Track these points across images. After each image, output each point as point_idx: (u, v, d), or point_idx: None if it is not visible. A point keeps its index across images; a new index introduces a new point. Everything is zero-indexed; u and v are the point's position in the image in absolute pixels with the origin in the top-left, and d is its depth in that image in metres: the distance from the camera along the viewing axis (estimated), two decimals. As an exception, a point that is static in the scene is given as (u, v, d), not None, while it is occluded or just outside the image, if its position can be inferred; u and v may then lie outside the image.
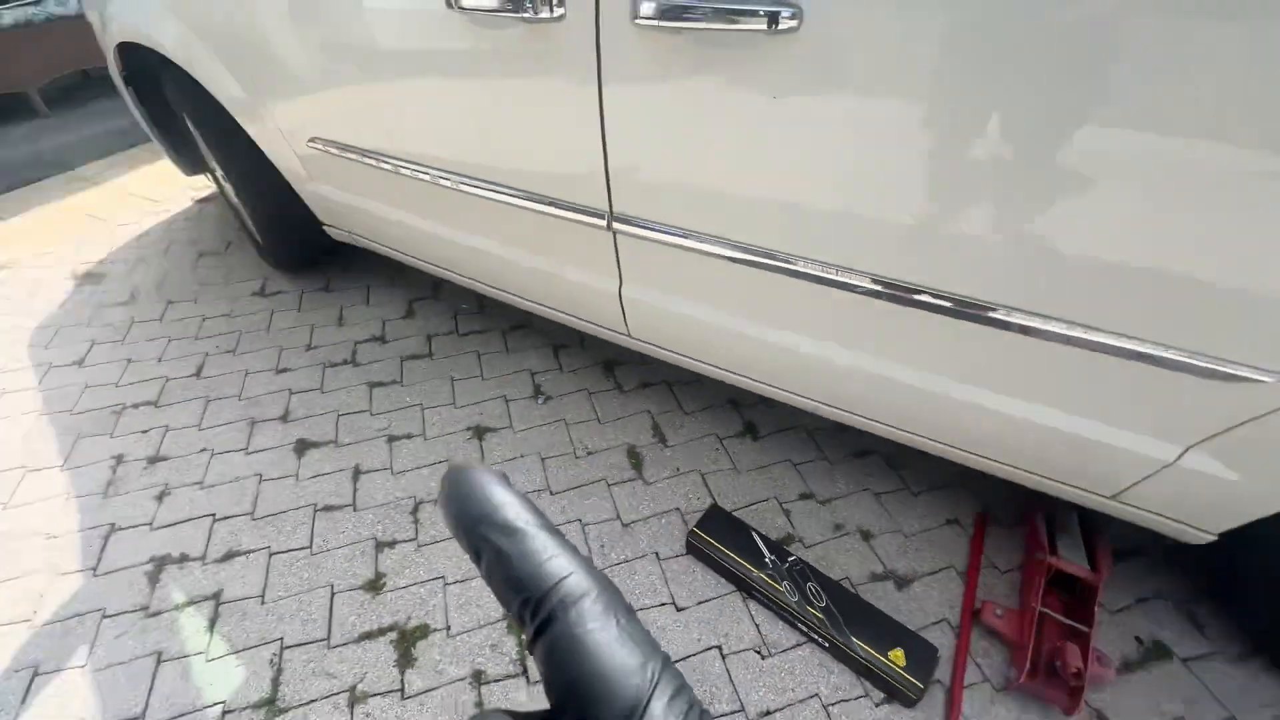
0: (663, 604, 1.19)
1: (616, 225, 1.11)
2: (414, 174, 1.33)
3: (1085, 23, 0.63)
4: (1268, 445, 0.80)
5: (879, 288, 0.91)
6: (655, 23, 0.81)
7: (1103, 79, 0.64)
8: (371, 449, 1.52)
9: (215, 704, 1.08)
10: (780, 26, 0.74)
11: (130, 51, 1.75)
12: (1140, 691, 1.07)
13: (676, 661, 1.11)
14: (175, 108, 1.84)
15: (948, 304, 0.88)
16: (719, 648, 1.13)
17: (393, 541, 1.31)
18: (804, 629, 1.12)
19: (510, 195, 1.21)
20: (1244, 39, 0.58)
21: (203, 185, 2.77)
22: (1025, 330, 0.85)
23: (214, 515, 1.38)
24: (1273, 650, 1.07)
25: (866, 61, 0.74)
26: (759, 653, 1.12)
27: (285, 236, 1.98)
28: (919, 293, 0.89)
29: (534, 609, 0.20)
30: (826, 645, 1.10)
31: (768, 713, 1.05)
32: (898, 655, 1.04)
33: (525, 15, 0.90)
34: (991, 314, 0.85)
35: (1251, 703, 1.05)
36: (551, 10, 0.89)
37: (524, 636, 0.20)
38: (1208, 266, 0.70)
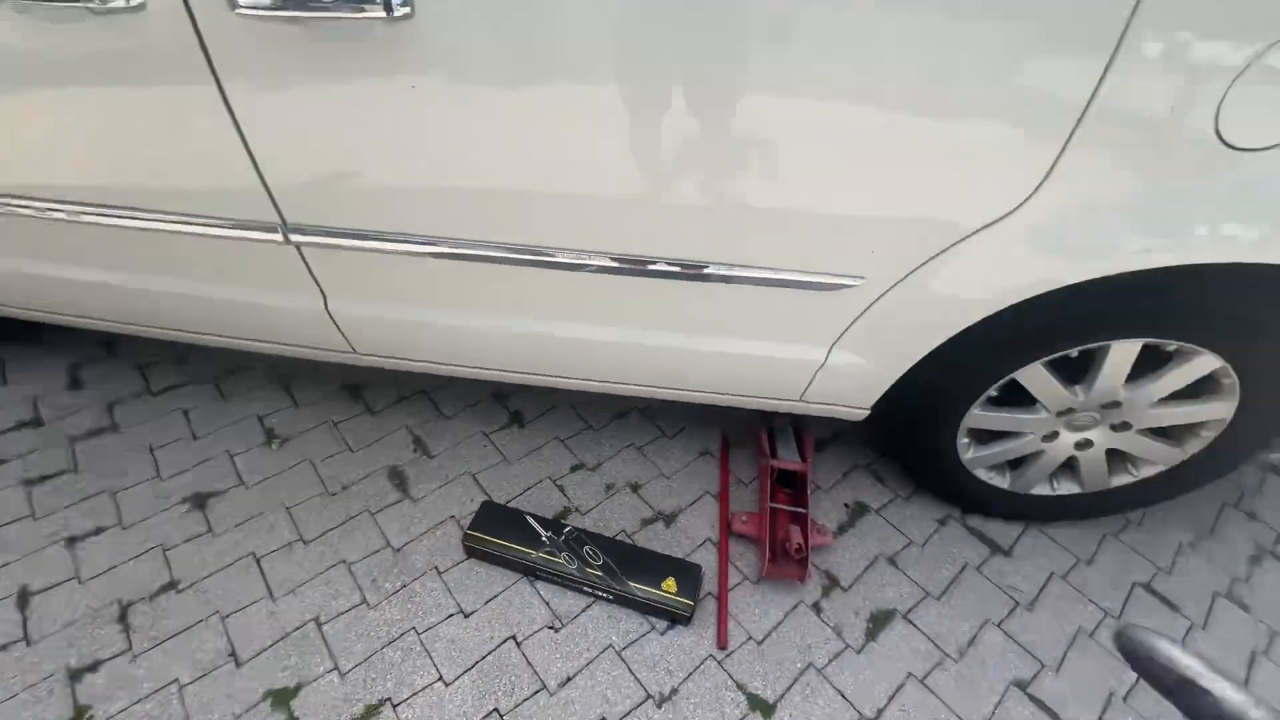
0: (450, 615, 1.16)
1: (296, 237, 1.01)
2: (31, 209, 1.05)
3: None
4: (875, 333, 1.03)
5: (566, 260, 0.97)
6: (259, 12, 0.74)
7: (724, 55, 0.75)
8: (43, 561, 1.19)
9: None
10: (396, 14, 0.73)
11: None
12: (853, 544, 1.34)
13: (474, 665, 1.10)
14: None
15: (672, 269, 0.97)
16: (513, 637, 1.14)
17: (95, 663, 1.06)
18: (588, 590, 1.18)
19: (158, 220, 1.02)
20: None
21: None
22: (727, 280, 0.98)
23: None
24: (920, 480, 1.42)
25: (487, 44, 0.76)
26: (552, 628, 1.15)
27: None
28: (644, 262, 0.97)
29: None
30: (611, 598, 1.17)
31: (569, 679, 1.09)
32: (670, 584, 1.16)
33: (89, 4, 0.75)
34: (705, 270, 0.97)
35: (923, 524, 1.39)
36: (121, -4, 0.76)
37: None
38: (808, 201, 0.87)
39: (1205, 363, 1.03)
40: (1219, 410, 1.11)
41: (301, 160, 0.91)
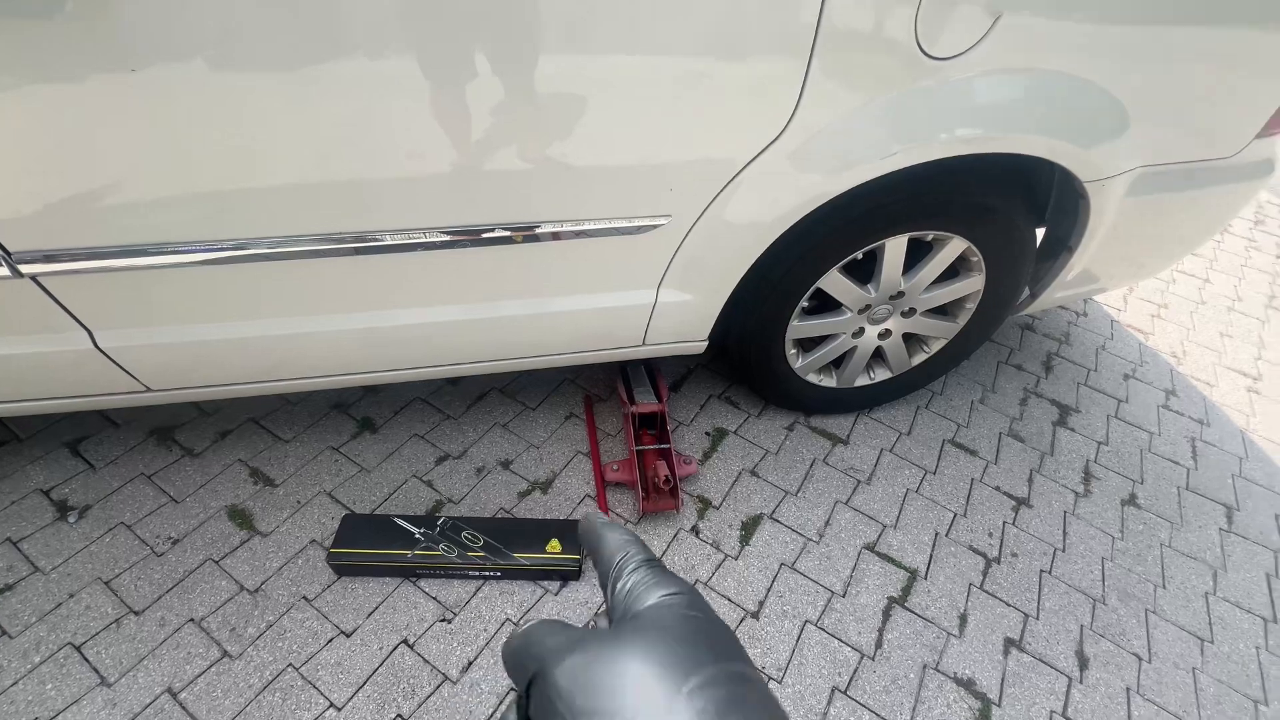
0: (330, 640, 1.09)
1: (30, 268, 0.85)
2: None
3: None
4: (692, 268, 1.11)
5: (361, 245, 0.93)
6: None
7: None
8: None
9: None
10: None
11: None
12: (719, 466, 1.45)
13: (367, 680, 1.05)
14: None
15: (505, 234, 0.95)
16: (405, 641, 1.10)
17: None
18: (474, 574, 1.17)
19: None
20: None
21: None
22: (557, 236, 0.98)
23: None
24: (766, 395, 1.56)
25: (245, 19, 0.69)
26: (444, 620, 1.13)
27: None
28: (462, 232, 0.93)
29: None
30: (499, 575, 1.17)
31: (470, 663, 1.08)
32: (554, 545, 1.18)
33: None
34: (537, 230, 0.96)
35: (775, 433, 1.53)
36: None
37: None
38: (612, 152, 0.90)
39: (956, 246, 1.23)
40: (974, 284, 1.33)
41: (8, 176, 0.76)
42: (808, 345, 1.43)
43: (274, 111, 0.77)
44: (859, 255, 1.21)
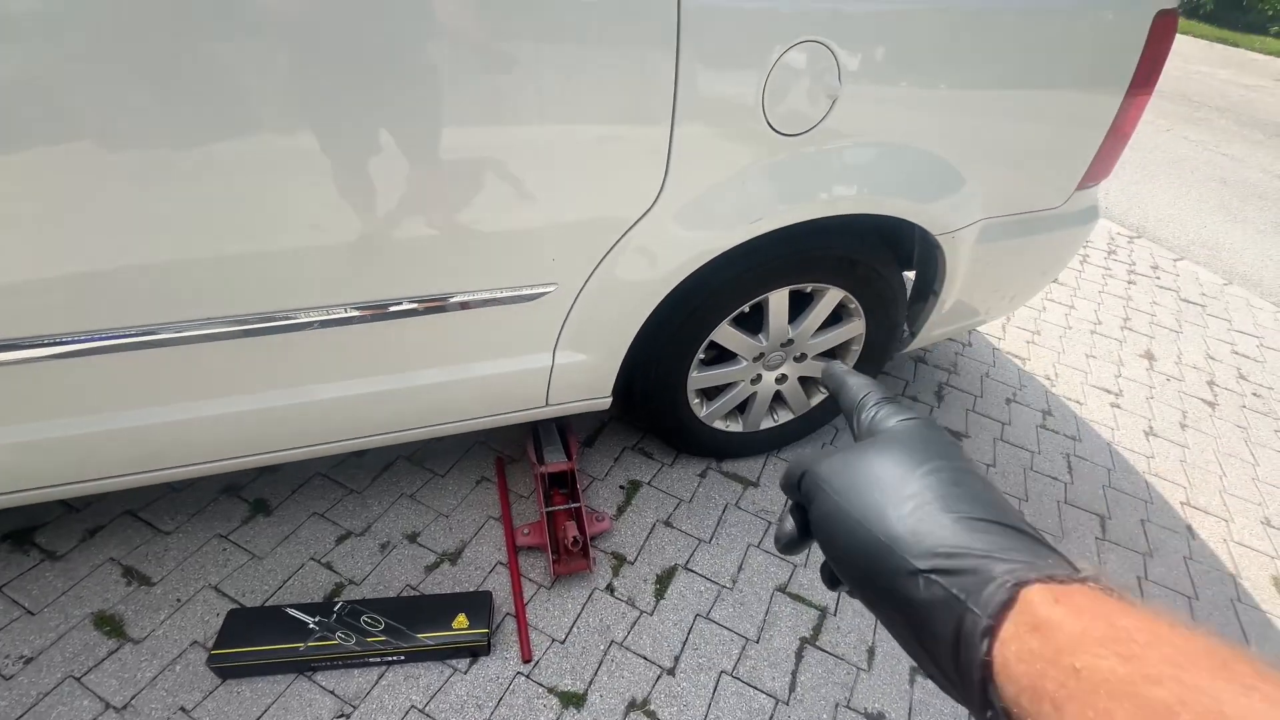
0: (211, 755, 1.00)
1: None
2: None
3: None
4: (585, 329, 1.13)
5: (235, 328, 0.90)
6: None
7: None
8: None
9: None
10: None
11: None
12: (633, 519, 1.45)
13: (253, 799, 0.96)
14: None
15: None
16: (297, 745, 1.02)
17: None
18: (376, 660, 1.11)
19: None
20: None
21: None
22: (463, 306, 0.99)
23: None
24: (676, 444, 1.59)
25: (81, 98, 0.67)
26: (343, 715, 1.06)
27: None
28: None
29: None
30: (403, 658, 1.12)
31: (371, 762, 1.02)
32: (460, 621, 1.14)
33: None
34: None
35: (688, 481, 1.56)
36: None
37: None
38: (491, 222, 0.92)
39: (834, 295, 1.33)
40: (856, 328, 1.43)
41: None
42: (710, 393, 1.48)
43: (158, 194, 0.75)
44: (746, 309, 1.28)
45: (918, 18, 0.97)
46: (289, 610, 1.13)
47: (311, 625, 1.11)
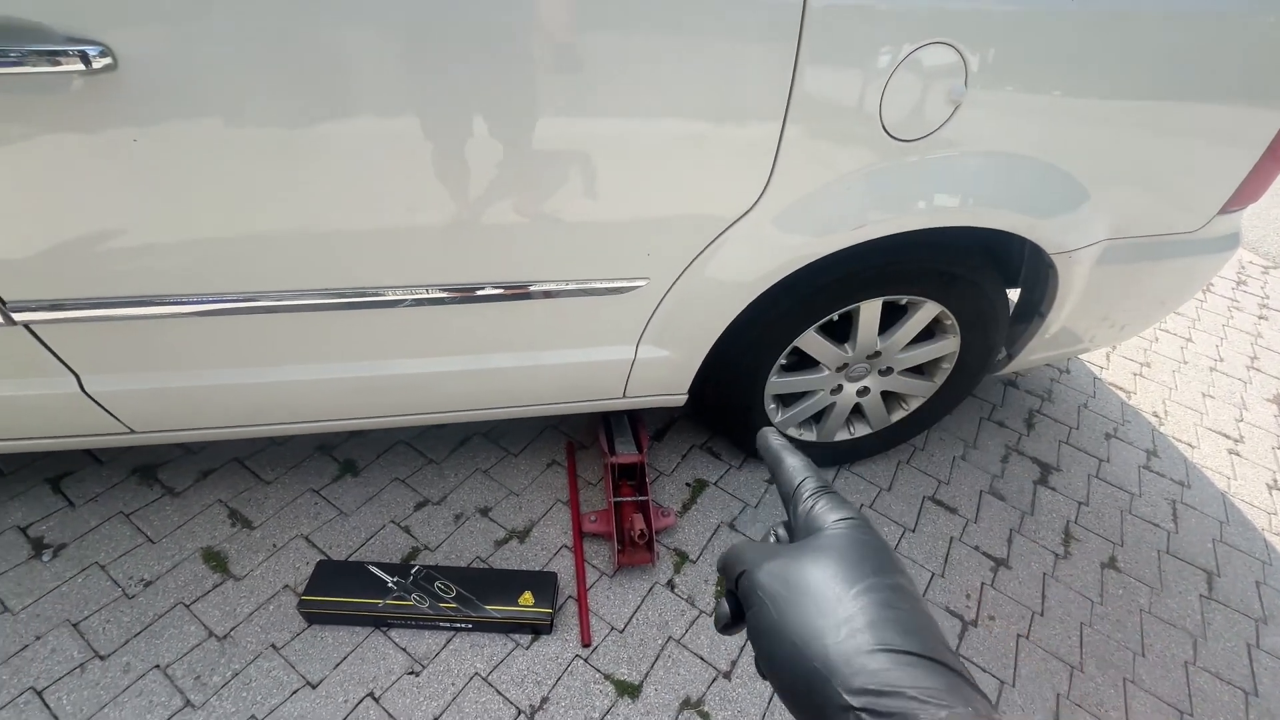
0: (295, 691, 1.08)
1: (23, 316, 0.88)
2: None
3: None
4: (670, 325, 1.14)
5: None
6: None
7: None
8: None
9: None
10: (96, 66, 0.67)
11: None
12: (697, 519, 1.45)
13: (329, 738, 1.03)
14: None
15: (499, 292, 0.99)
16: (371, 694, 1.09)
17: None
18: (445, 625, 1.16)
19: None
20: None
21: None
22: (547, 295, 1.02)
23: None
24: (746, 448, 1.57)
25: (222, 84, 0.73)
26: (412, 673, 1.12)
27: None
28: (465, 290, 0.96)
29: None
30: (470, 626, 1.17)
31: (436, 719, 1.07)
32: (527, 598, 1.18)
33: None
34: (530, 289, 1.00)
35: (754, 486, 1.54)
36: None
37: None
38: (592, 214, 0.94)
39: (930, 310, 1.27)
40: (949, 345, 1.36)
41: (10, 231, 0.80)
42: (787, 400, 1.45)
43: (271, 171, 0.81)
44: (835, 316, 1.24)
45: (1059, 19, 0.90)
46: (371, 567, 1.20)
47: (390, 584, 1.17)
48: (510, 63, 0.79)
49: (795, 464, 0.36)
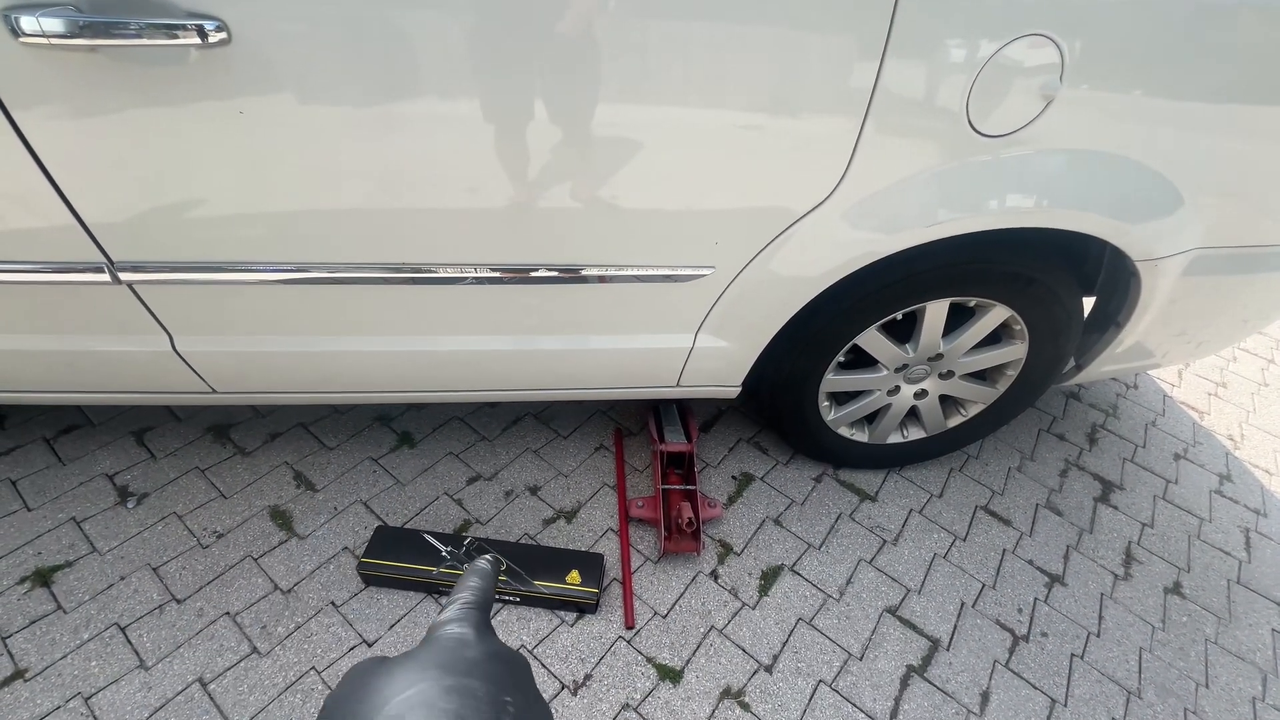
0: (352, 647, 1.13)
1: (128, 276, 0.94)
2: None
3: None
4: (731, 316, 1.13)
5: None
6: (50, 41, 0.69)
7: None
8: None
9: None
10: (211, 40, 0.71)
11: None
12: (743, 512, 1.45)
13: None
14: None
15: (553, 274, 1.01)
16: (422, 657, 1.13)
17: (-74, 778, 0.93)
18: (495, 597, 1.19)
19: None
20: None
21: None
22: (602, 279, 1.03)
23: None
24: (795, 444, 1.56)
25: (327, 64, 0.76)
26: (462, 640, 1.16)
27: None
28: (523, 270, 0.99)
29: None
30: (518, 600, 1.20)
31: (483, 687, 1.10)
32: (574, 577, 1.20)
33: None
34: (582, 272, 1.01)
35: (802, 484, 1.53)
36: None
37: None
38: (661, 201, 0.94)
39: (998, 313, 1.23)
40: (1016, 351, 1.32)
41: (121, 194, 0.85)
42: (841, 399, 1.43)
43: (349, 148, 0.84)
44: (898, 315, 1.21)
45: (1168, 12, 0.86)
46: (426, 536, 1.24)
47: (444, 553, 1.21)
48: (595, 51, 0.79)
49: (474, 584, 0.34)
